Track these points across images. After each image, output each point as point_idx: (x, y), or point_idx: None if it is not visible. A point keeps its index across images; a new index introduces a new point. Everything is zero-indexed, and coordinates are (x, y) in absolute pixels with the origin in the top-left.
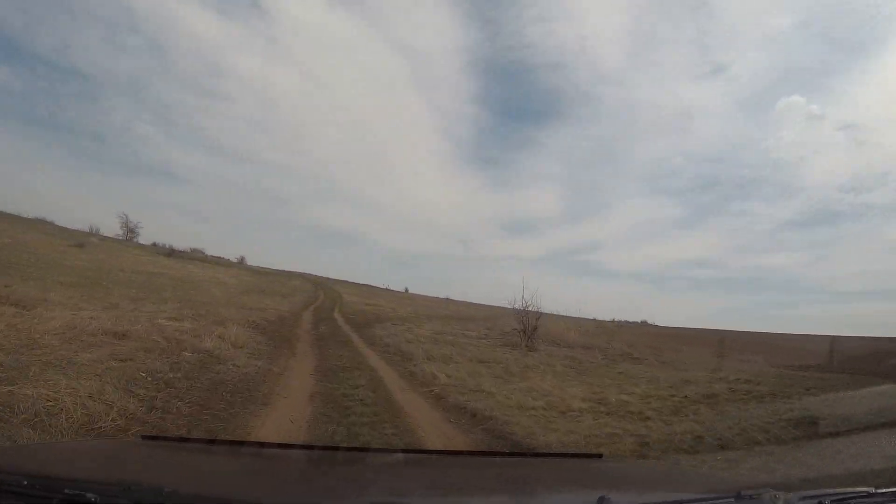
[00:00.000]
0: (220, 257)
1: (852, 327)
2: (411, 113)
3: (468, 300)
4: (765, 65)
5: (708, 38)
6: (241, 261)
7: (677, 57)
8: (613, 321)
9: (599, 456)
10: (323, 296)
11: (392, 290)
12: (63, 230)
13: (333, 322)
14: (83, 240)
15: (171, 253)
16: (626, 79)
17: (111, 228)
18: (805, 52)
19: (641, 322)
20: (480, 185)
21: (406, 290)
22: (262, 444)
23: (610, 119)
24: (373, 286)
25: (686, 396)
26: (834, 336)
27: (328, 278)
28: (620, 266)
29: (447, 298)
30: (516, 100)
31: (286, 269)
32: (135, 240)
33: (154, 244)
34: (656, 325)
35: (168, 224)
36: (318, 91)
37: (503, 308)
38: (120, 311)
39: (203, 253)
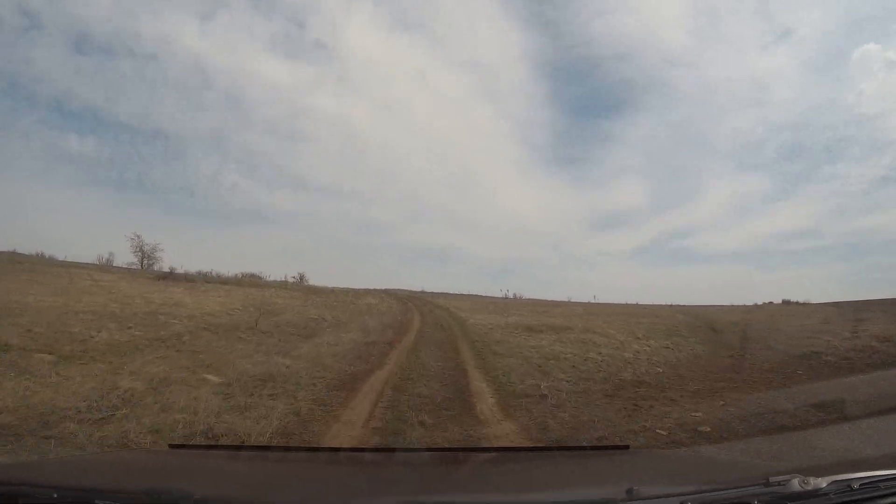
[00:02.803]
0: (283, 281)
1: None
2: (487, 125)
3: (592, 300)
4: (830, 20)
5: (768, 3)
6: (301, 280)
7: (742, 28)
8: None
9: (626, 447)
10: (419, 321)
11: (515, 297)
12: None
13: None
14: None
15: (164, 277)
16: (694, 59)
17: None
18: None
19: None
20: (564, 185)
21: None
22: (288, 449)
23: (684, 102)
24: (482, 296)
25: None
26: None
27: (424, 291)
28: (716, 250)
29: (571, 300)
30: (588, 97)
31: (367, 287)
32: (153, 267)
33: (177, 271)
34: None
35: (266, 262)
36: (394, 119)
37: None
38: None
39: (259, 278)
